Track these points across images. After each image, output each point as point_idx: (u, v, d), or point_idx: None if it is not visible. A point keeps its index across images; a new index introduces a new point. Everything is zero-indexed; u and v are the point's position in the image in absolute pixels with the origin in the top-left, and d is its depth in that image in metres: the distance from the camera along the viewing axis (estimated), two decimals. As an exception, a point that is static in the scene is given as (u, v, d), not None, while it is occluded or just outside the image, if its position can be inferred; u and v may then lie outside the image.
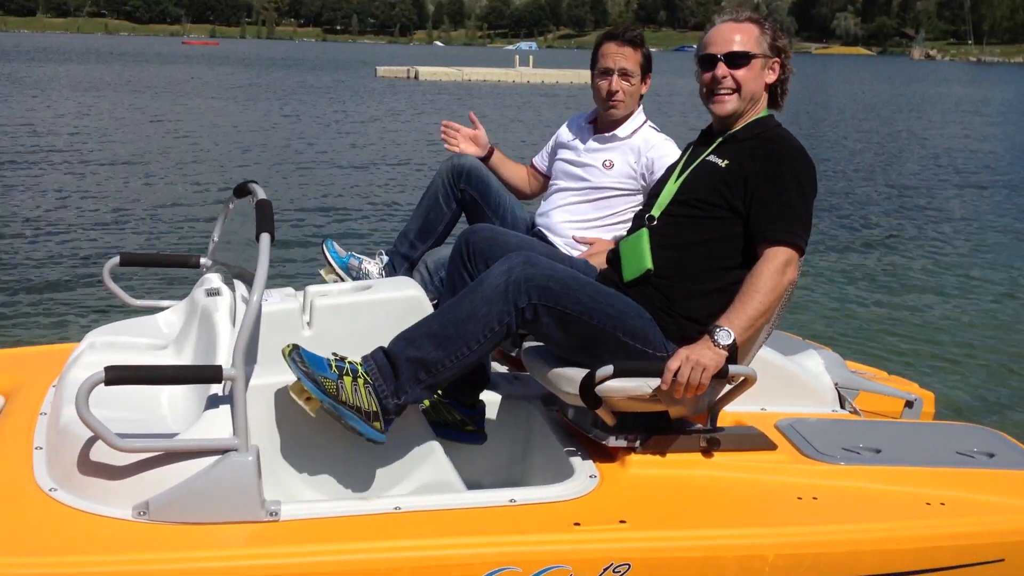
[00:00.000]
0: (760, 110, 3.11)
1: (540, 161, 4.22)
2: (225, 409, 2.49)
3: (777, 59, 3.10)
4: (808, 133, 24.32)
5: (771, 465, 2.91)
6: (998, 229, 12.30)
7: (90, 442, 2.45)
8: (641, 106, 4.01)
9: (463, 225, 3.76)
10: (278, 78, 44.36)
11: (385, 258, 3.88)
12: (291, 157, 16.65)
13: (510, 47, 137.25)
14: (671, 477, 2.82)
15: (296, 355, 2.63)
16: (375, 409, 2.65)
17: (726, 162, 2.98)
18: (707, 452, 2.90)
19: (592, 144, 3.97)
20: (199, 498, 2.39)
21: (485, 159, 4.10)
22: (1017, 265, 10.16)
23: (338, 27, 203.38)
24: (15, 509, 2.43)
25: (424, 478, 2.82)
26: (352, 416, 2.62)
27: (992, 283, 9.37)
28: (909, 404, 3.63)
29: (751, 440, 2.97)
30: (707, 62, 3.08)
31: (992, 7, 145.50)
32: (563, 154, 4.05)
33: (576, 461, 2.85)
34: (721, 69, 3.04)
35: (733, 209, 2.92)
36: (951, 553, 2.75)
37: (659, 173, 3.63)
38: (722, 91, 3.05)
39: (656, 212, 3.04)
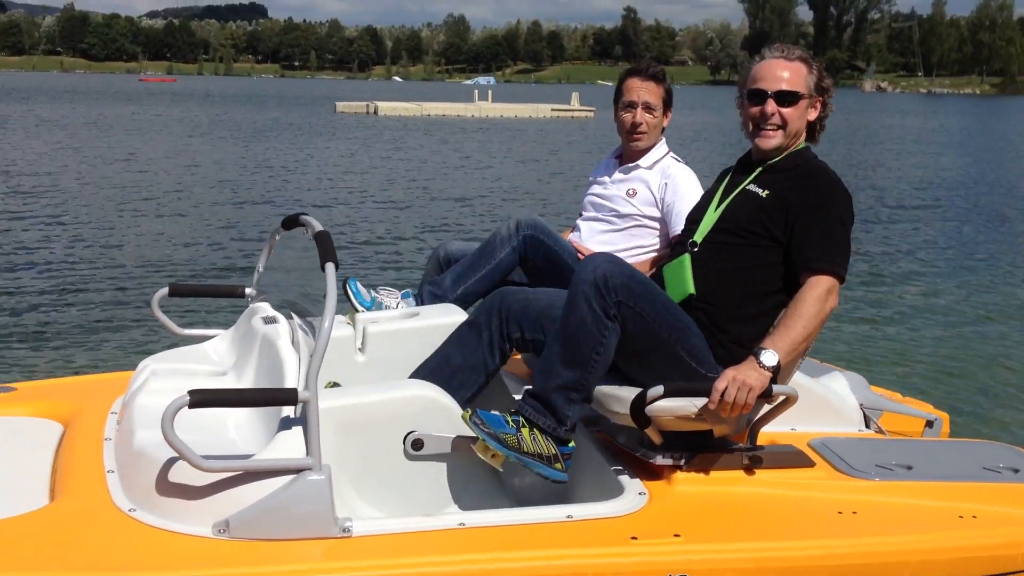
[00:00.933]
0: (799, 143, 3.22)
1: (581, 208, 4.38)
2: (296, 430, 2.59)
3: (820, 98, 3.21)
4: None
5: (810, 482, 3.04)
6: (973, 254, 12.78)
7: (168, 463, 2.57)
8: (663, 138, 4.23)
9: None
10: (239, 115, 44.12)
11: (412, 300, 3.85)
12: (269, 194, 16.67)
13: (468, 82, 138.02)
14: (717, 493, 2.94)
15: (477, 418, 2.78)
16: (554, 452, 2.83)
17: (767, 192, 3.10)
18: (749, 469, 3.02)
19: (617, 175, 4.21)
20: (276, 515, 2.50)
21: None
22: (999, 288, 10.58)
23: (296, 63, 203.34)
24: (98, 530, 2.53)
25: (475, 497, 2.95)
26: (536, 463, 2.81)
27: (981, 305, 9.73)
28: (929, 424, 3.77)
29: (791, 458, 3.10)
30: (756, 97, 3.17)
31: (940, 40, 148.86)
32: (592, 188, 4.31)
33: (624, 479, 2.96)
34: (771, 106, 3.14)
35: (774, 238, 3.04)
36: (985, 564, 2.87)
37: (677, 202, 3.95)
38: (768, 127, 3.15)
39: (698, 238, 3.16)
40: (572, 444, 2.89)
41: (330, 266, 2.69)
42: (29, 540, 2.46)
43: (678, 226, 3.85)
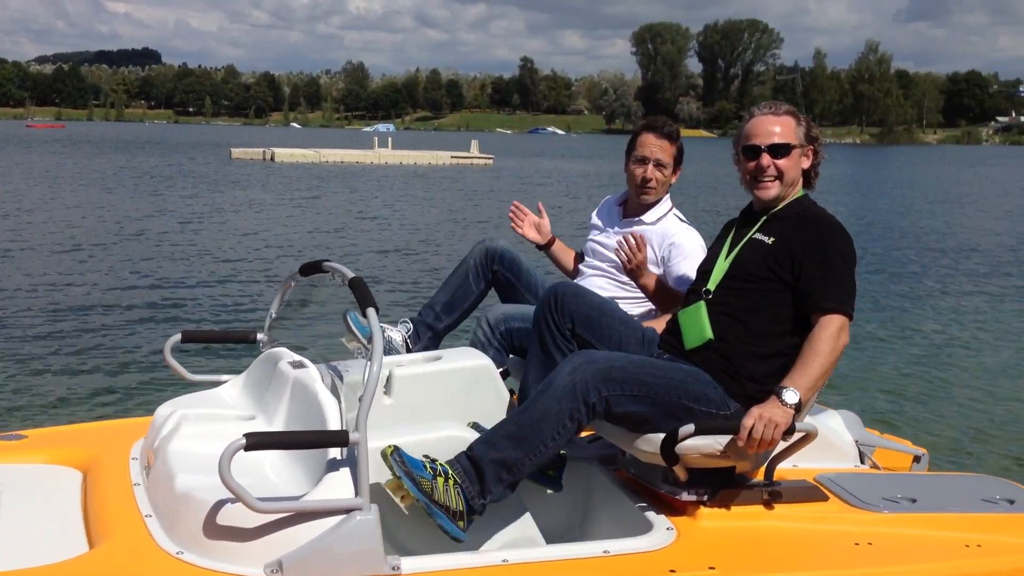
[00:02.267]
0: (797, 191, 3.44)
1: (583, 251, 4.53)
2: (344, 471, 2.67)
3: (811, 146, 3.44)
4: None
5: (826, 515, 3.22)
6: (889, 291, 13.67)
7: (217, 506, 2.63)
8: (669, 195, 4.35)
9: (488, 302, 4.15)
10: (120, 161, 43.27)
11: (409, 325, 4.08)
12: (160, 244, 16.48)
13: (368, 129, 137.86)
14: (742, 528, 3.10)
15: (397, 456, 2.84)
16: (461, 509, 2.88)
17: (772, 239, 3.31)
18: (768, 504, 3.19)
19: (621, 227, 4.28)
20: (328, 555, 2.57)
21: (547, 247, 4.49)
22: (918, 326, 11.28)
23: (191, 109, 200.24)
24: (149, 573, 2.58)
25: (510, 534, 3.05)
26: (441, 515, 2.85)
27: (928, 344, 10.52)
28: (917, 459, 4.02)
29: (807, 493, 3.29)
30: (751, 152, 3.40)
31: (822, 92, 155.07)
32: (594, 235, 4.41)
33: (651, 515, 3.10)
34: (765, 159, 3.36)
35: (782, 280, 3.23)
36: None
37: (681, 264, 4.08)
38: (766, 179, 3.37)
39: (711, 286, 3.34)
40: (474, 520, 2.94)
41: (371, 311, 2.79)
42: None
43: (675, 284, 4.03)
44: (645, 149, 4.24)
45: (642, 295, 4.10)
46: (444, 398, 3.38)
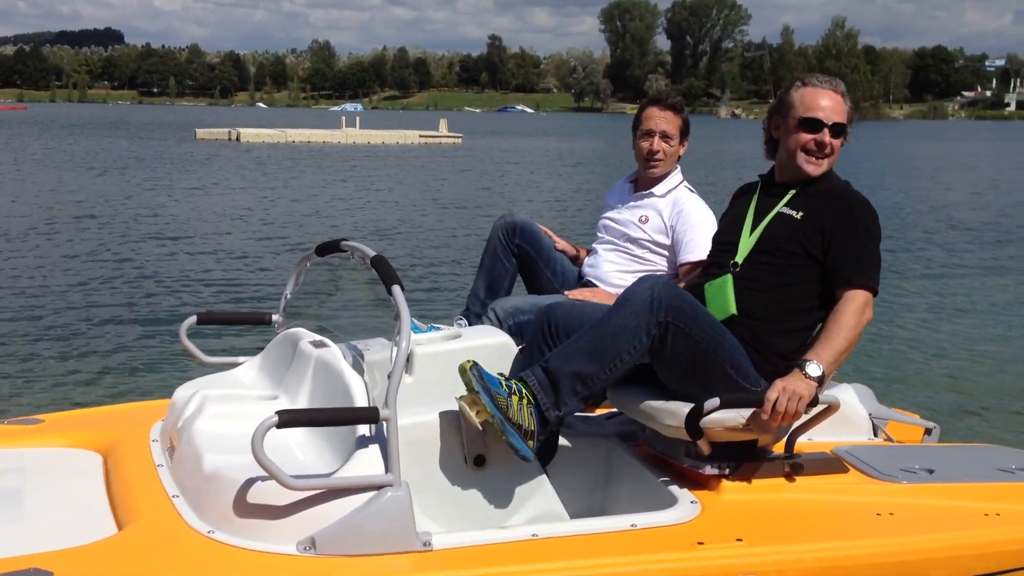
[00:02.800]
0: None
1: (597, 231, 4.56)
2: (373, 448, 2.68)
3: (849, 127, 3.43)
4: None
5: (847, 486, 3.27)
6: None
7: (246, 485, 2.64)
8: (679, 167, 4.37)
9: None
10: (88, 143, 42.57)
11: (463, 321, 4.14)
12: (124, 224, 16.12)
13: (335, 108, 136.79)
14: (765, 500, 3.14)
15: (476, 371, 2.90)
16: (533, 428, 2.94)
17: (801, 214, 3.30)
18: (790, 477, 3.22)
19: (631, 202, 4.36)
20: (361, 532, 2.59)
21: (575, 260, 4.46)
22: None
23: (155, 89, 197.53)
24: (181, 552, 2.59)
25: (534, 509, 3.12)
26: (514, 433, 2.90)
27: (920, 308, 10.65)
28: (928, 431, 4.05)
29: (827, 465, 3.32)
30: (812, 126, 3.33)
31: (790, 68, 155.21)
32: (607, 212, 4.46)
33: (674, 489, 3.13)
34: (827, 136, 3.32)
35: (812, 256, 3.24)
36: (1012, 557, 3.14)
37: (688, 231, 4.14)
38: (822, 155, 3.34)
39: (739, 259, 3.34)
40: (543, 439, 2.98)
41: (396, 288, 2.80)
42: (114, 565, 2.51)
43: (687, 254, 4.14)
44: (650, 122, 4.27)
45: (654, 269, 4.20)
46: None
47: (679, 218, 4.19)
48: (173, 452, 3.07)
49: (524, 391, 2.95)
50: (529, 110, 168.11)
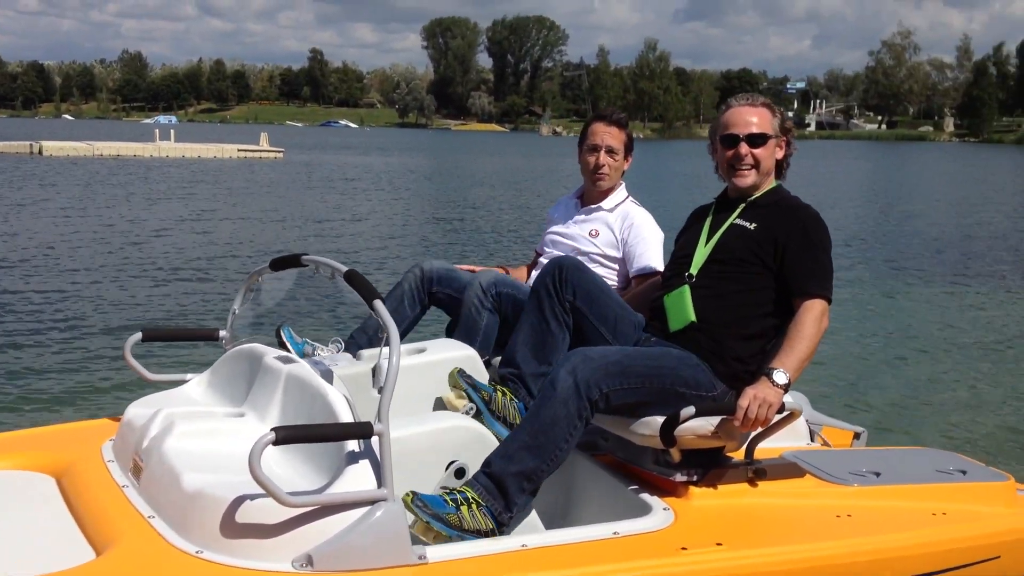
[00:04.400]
0: (771, 181, 3.60)
1: (540, 247, 4.62)
2: (364, 463, 2.67)
3: (784, 138, 3.58)
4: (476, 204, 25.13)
5: (805, 490, 3.41)
6: None
7: (235, 503, 2.59)
8: (623, 183, 4.47)
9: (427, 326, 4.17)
10: None
11: (340, 344, 4.07)
12: None
13: (148, 121, 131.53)
14: (733, 505, 3.25)
15: (419, 502, 2.85)
16: (491, 527, 2.93)
17: (754, 225, 3.45)
18: (752, 482, 3.34)
19: (579, 216, 4.45)
20: (357, 547, 2.57)
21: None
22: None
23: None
24: (173, 573, 2.52)
25: (513, 522, 3.10)
26: (476, 540, 2.87)
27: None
28: (857, 436, 4.26)
29: (787, 470, 3.45)
30: (729, 141, 3.53)
31: (606, 88, 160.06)
32: (553, 228, 4.53)
33: (645, 497, 3.21)
34: (743, 148, 3.49)
35: (765, 265, 3.38)
36: (961, 554, 3.34)
37: (639, 244, 4.26)
38: (743, 167, 3.50)
39: (694, 270, 3.47)
40: (505, 533, 2.99)
41: (378, 303, 2.80)
42: None
43: (639, 265, 4.24)
44: (596, 137, 4.36)
45: (606, 281, 4.13)
46: (432, 389, 3.46)
47: (630, 231, 4.29)
48: (139, 472, 2.99)
49: (472, 497, 2.95)
50: (353, 125, 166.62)
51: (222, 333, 3.67)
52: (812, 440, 4.03)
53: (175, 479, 2.78)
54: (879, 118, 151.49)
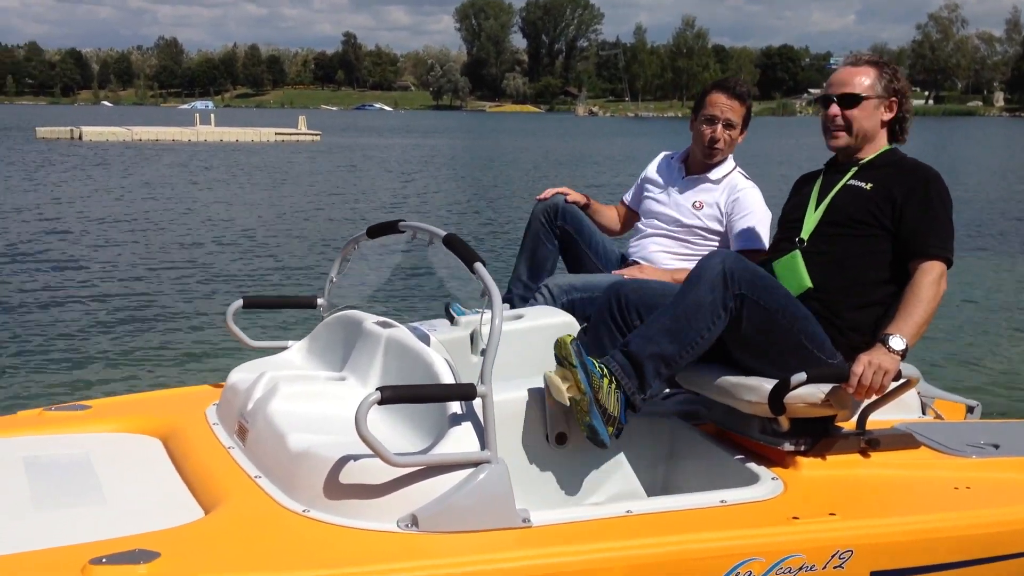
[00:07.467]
0: (881, 145, 3.43)
1: (629, 198, 4.48)
2: (467, 425, 2.68)
3: (894, 98, 3.40)
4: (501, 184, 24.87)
5: (920, 462, 3.29)
6: None
7: (340, 463, 2.63)
8: (732, 154, 4.27)
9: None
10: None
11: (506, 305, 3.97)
12: None
13: (185, 106, 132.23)
14: (845, 476, 3.14)
15: (575, 346, 2.84)
16: (616, 415, 2.89)
17: (870, 185, 3.31)
18: (865, 452, 3.23)
19: (684, 185, 4.23)
20: (462, 508, 2.58)
21: (586, 207, 4.30)
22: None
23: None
24: (280, 531, 2.56)
25: (614, 488, 3.12)
26: (598, 416, 2.85)
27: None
28: (970, 409, 4.07)
29: (901, 440, 3.33)
30: (824, 101, 3.44)
31: (643, 67, 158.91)
32: (652, 192, 4.31)
33: (752, 466, 3.14)
34: (833, 108, 3.39)
35: (882, 226, 3.24)
36: None
37: (745, 218, 4.09)
38: (834, 127, 3.40)
39: (805, 235, 3.34)
40: (623, 428, 2.94)
41: (479, 265, 2.78)
42: (217, 544, 2.47)
43: (738, 242, 4.06)
44: (715, 108, 4.14)
45: (702, 253, 3.96)
46: (530, 355, 3.44)
47: (735, 205, 4.11)
48: (245, 434, 3.05)
49: (607, 371, 2.89)
50: (388, 108, 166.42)
51: (320, 301, 3.74)
52: (924, 413, 3.89)
53: (281, 440, 2.83)
54: (926, 93, 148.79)
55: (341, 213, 18.83)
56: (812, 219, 3.36)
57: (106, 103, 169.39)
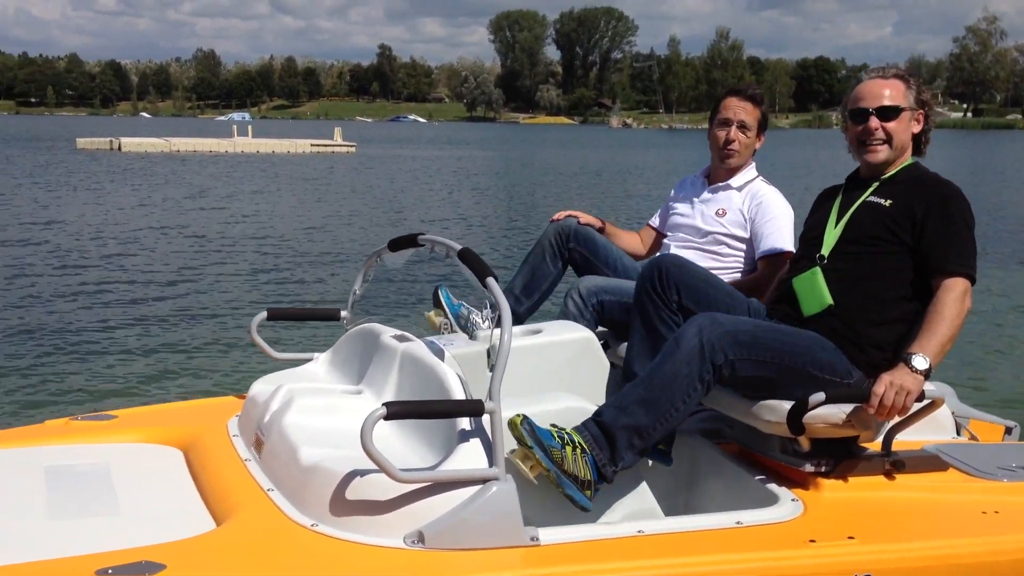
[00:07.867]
0: (907, 158, 3.38)
1: (656, 222, 4.50)
2: (475, 441, 2.64)
3: (922, 111, 3.37)
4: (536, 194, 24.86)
5: (947, 485, 3.19)
6: None
7: (348, 477, 2.61)
8: (754, 162, 4.28)
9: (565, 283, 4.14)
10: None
11: (491, 311, 3.93)
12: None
13: (223, 118, 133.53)
14: (868, 498, 3.06)
15: (526, 425, 2.79)
16: (589, 478, 2.82)
17: (890, 201, 3.26)
18: (889, 475, 3.15)
19: (706, 195, 4.25)
20: (469, 525, 2.54)
21: (601, 229, 4.31)
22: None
23: (33, 99, 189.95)
24: (289, 545, 2.54)
25: (630, 507, 3.03)
26: (570, 485, 2.79)
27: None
28: (1008, 430, 3.92)
29: (928, 463, 3.23)
30: (859, 116, 3.34)
31: (678, 79, 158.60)
32: (677, 208, 4.33)
33: (772, 487, 3.08)
34: (873, 122, 3.31)
35: (903, 243, 3.19)
36: None
37: (768, 223, 4.06)
38: (875, 142, 3.32)
39: (825, 251, 3.29)
40: (600, 489, 2.88)
41: (491, 280, 2.77)
42: (223, 557, 2.46)
43: (766, 245, 4.04)
44: (728, 111, 4.17)
45: (732, 265, 4.11)
46: (547, 370, 3.44)
47: (758, 210, 4.09)
48: (261, 447, 3.06)
49: (577, 441, 2.83)
50: (422, 120, 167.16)
51: (343, 313, 3.75)
52: (958, 434, 3.75)
53: (293, 453, 2.82)
54: (964, 106, 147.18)
55: (375, 223, 18.98)
56: (832, 236, 3.32)
57: (144, 114, 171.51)
